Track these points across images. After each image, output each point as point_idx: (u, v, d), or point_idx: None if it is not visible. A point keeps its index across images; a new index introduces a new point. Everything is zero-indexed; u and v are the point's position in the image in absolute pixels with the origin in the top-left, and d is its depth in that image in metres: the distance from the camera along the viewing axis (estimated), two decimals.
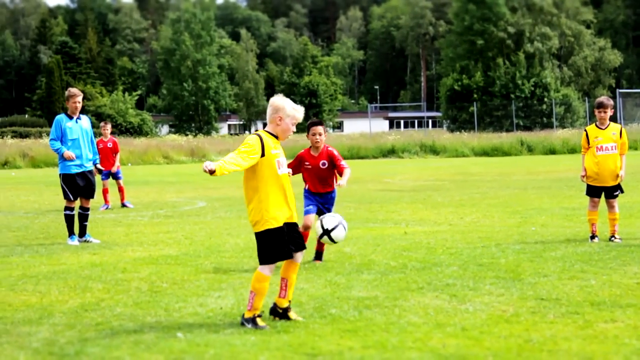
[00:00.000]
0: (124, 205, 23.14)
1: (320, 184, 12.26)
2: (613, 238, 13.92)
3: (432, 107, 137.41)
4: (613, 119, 14.49)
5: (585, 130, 14.44)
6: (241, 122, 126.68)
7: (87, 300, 9.67)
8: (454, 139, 66.51)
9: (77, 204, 15.69)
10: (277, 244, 8.22)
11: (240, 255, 13.14)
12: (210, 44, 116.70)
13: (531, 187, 26.97)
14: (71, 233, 15.39)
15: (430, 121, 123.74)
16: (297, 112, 8.38)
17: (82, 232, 15.56)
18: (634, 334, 7.58)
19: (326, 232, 8.33)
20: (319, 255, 12.43)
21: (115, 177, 23.49)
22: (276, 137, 8.40)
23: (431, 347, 7.27)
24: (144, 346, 7.45)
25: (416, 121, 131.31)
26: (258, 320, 8.18)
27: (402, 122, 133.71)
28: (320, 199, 12.46)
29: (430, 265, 11.73)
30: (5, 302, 9.59)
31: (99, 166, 15.96)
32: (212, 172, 7.88)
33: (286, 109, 8.32)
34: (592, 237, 13.99)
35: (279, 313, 8.48)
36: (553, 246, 13.40)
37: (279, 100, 8.39)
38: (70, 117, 15.50)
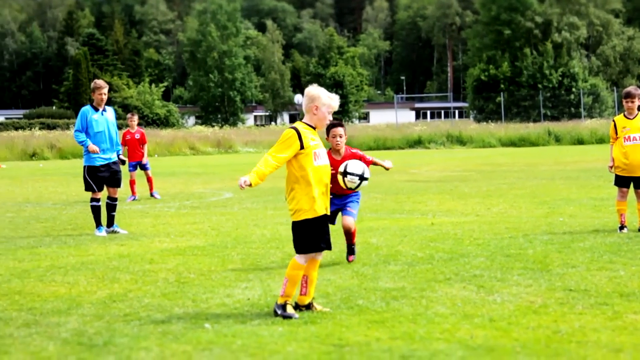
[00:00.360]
0: (152, 195, 23.25)
1: (341, 187, 10.99)
2: None
3: (458, 97, 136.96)
4: None
5: (614, 121, 14.36)
6: (267, 113, 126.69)
7: (115, 291, 9.71)
8: (480, 129, 66.32)
9: (103, 194, 15.75)
10: (314, 235, 8.26)
11: (267, 247, 13.15)
12: (236, 35, 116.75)
13: (559, 178, 26.83)
14: (98, 224, 15.46)
15: (456, 112, 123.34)
16: (332, 100, 8.43)
17: (110, 222, 15.63)
18: None
19: (344, 174, 8.41)
20: (351, 250, 11.67)
21: (144, 167, 23.62)
22: (313, 127, 8.44)
23: (459, 338, 7.25)
24: (171, 337, 7.47)
25: (443, 112, 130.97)
26: (288, 307, 8.20)
27: (428, 112, 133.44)
28: (340, 200, 11.67)
29: (457, 256, 11.69)
30: (34, 293, 9.65)
31: (122, 157, 16.00)
32: (249, 185, 8.04)
33: (322, 97, 8.36)
34: (621, 227, 13.90)
35: (302, 310, 8.47)
36: (581, 237, 13.32)
37: (314, 90, 8.42)
38: (96, 109, 15.54)
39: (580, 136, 60.26)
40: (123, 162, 16.10)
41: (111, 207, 15.66)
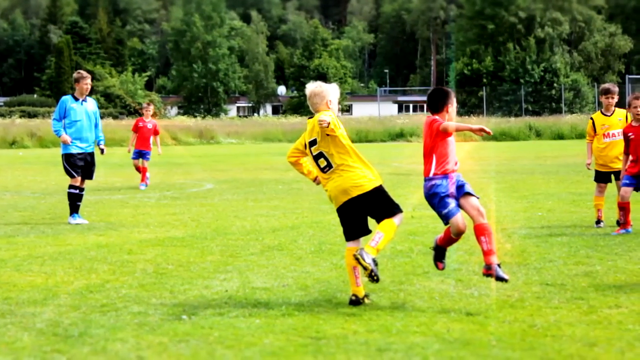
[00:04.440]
0: (142, 184, 23.30)
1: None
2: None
3: None
4: (622, 105, 14.45)
5: (592, 119, 14.46)
6: (250, 105, 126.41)
7: (92, 281, 9.68)
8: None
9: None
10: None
11: (246, 238, 13.14)
12: (220, 26, 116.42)
13: (538, 172, 26.93)
14: (73, 211, 15.39)
15: None
16: (337, 89, 8.98)
17: (74, 211, 15.52)
18: (638, 320, 7.58)
19: None
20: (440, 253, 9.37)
21: (144, 157, 23.85)
22: None
23: (435, 331, 7.27)
24: (148, 328, 7.46)
25: (425, 105, 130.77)
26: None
27: (411, 105, 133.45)
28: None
29: None
30: (10, 283, 9.60)
31: (101, 145, 15.95)
32: (327, 125, 8.33)
33: (331, 92, 8.82)
34: (598, 222, 13.99)
35: (360, 302, 8.40)
36: (559, 231, 13.39)
37: (321, 87, 8.81)
38: (76, 99, 15.54)
39: (561, 131, 60.64)
40: (102, 152, 16.02)
41: (78, 197, 15.58)
